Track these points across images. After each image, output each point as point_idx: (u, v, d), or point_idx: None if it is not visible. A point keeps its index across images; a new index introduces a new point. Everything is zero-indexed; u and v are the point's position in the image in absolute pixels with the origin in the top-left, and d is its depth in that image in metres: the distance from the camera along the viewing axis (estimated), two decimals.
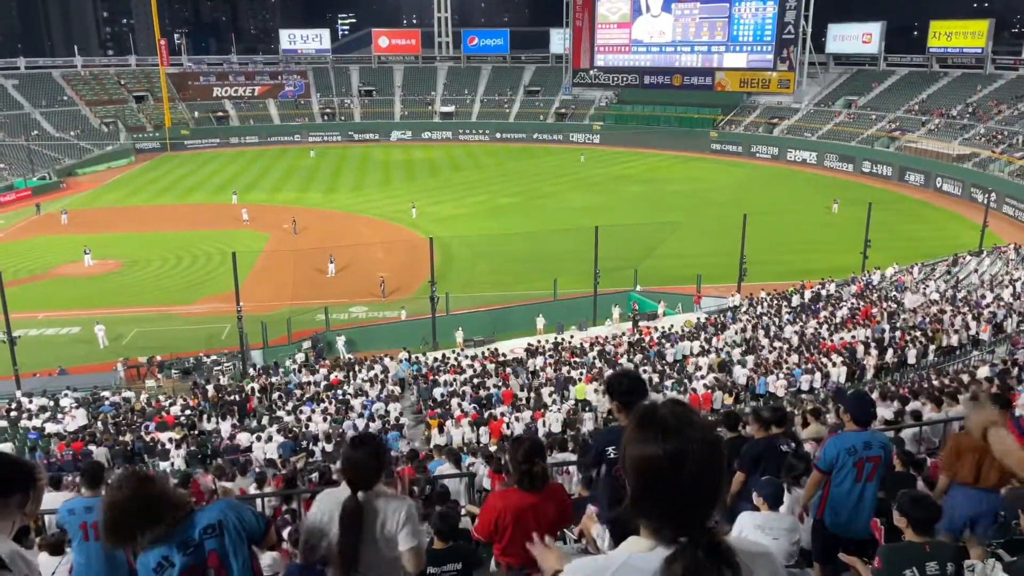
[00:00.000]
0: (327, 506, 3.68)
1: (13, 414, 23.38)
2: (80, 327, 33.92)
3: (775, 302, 31.87)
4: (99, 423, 22.44)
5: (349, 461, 3.69)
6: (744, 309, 31.89)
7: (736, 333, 27.80)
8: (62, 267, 42.36)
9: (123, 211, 56.69)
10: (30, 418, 22.94)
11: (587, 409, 21.05)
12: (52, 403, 24.36)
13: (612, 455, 4.33)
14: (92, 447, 19.16)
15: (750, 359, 24.03)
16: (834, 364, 22.51)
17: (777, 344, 25.53)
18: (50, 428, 21.80)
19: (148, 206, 58.33)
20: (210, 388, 25.68)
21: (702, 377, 22.74)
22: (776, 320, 29.16)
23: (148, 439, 20.38)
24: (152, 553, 3.16)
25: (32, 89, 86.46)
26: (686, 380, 22.52)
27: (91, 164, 74.90)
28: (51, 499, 6.37)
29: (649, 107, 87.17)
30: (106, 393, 25.78)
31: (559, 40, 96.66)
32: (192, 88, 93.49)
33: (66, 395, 25.10)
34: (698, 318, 31.46)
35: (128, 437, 20.65)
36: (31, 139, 75.23)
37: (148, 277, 41.00)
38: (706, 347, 26.23)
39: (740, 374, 22.82)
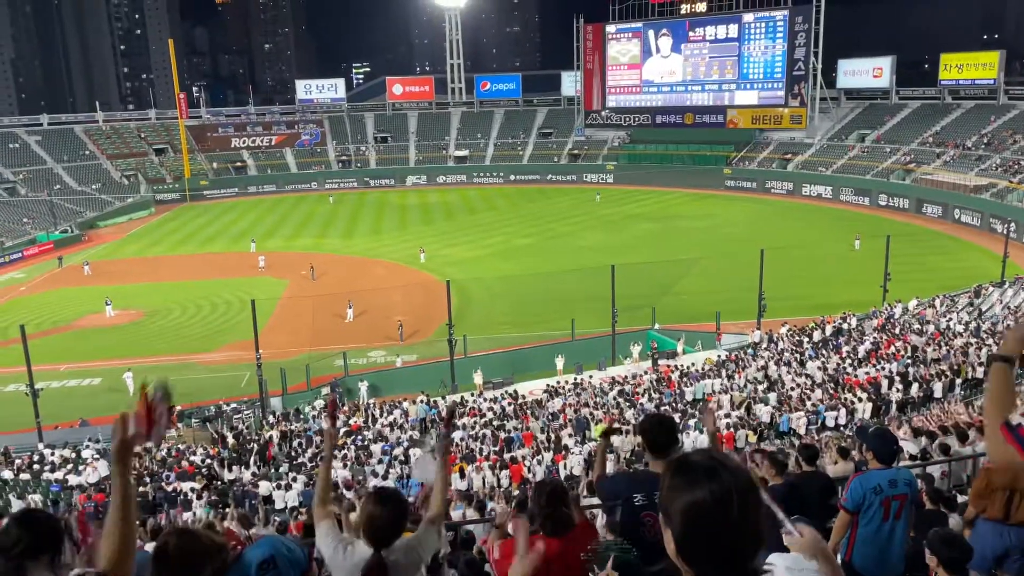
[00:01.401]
0: (338, 564, 3.58)
1: (35, 467, 23.47)
2: (102, 378, 34.18)
3: (796, 337, 31.58)
4: None
5: (372, 518, 3.61)
6: (765, 345, 31.61)
7: (757, 370, 27.52)
8: (84, 318, 42.85)
9: (144, 262, 57.48)
10: (52, 470, 23.02)
11: (608, 451, 20.81)
12: (74, 455, 24.43)
13: (640, 501, 4.27)
14: None
15: (772, 396, 23.74)
16: (859, 400, 22.19)
17: (800, 380, 25.23)
18: (72, 480, 21.84)
19: (168, 256, 59.13)
20: (230, 437, 25.68)
21: (725, 416, 22.46)
22: (798, 356, 28.86)
23: (169, 489, 20.35)
24: None
25: (55, 144, 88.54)
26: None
27: (112, 216, 76.24)
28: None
29: (662, 146, 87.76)
30: None
31: (571, 82, 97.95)
32: (211, 139, 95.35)
33: (87, 446, 25.17)
34: (719, 355, 31.20)
35: (149, 487, 20.63)
36: (53, 193, 76.80)
37: (169, 326, 41.37)
38: (727, 385, 25.97)
39: (763, 412, 22.53)
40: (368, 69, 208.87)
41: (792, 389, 24.43)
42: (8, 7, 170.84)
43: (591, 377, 30.26)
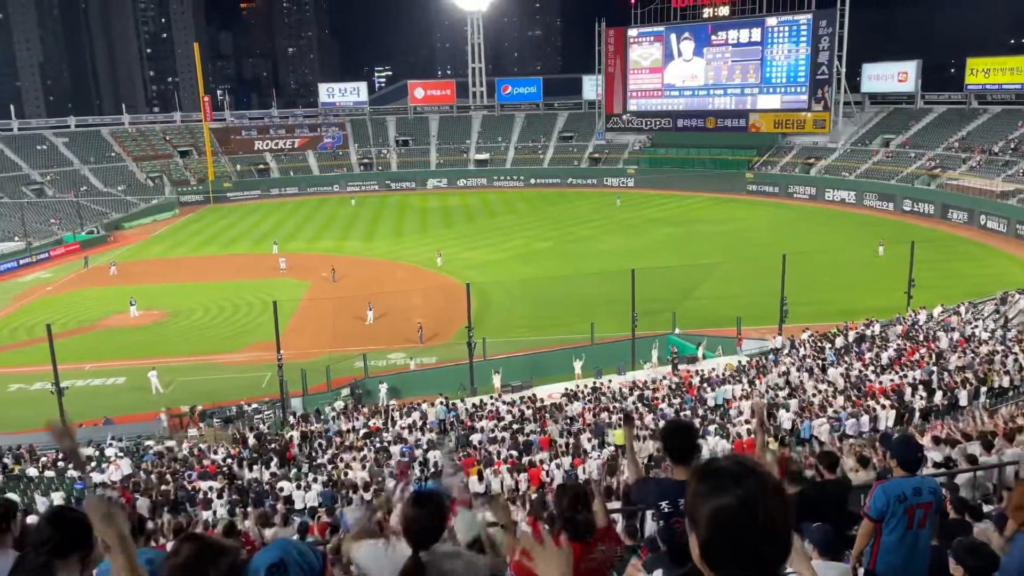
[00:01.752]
0: (381, 564, 3.57)
1: (60, 464, 23.79)
2: (125, 377, 34.60)
3: (818, 344, 31.30)
4: (142, 472, 22.71)
5: (412, 520, 3.59)
6: (786, 351, 31.35)
7: (779, 376, 27.30)
8: (109, 318, 43.39)
9: (168, 262, 58.14)
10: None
11: (625, 455, 20.73)
12: (97, 453, 24.73)
13: (666, 509, 4.26)
14: (137, 496, 19.36)
15: (794, 403, 23.54)
16: (882, 407, 21.94)
17: (821, 387, 25.00)
18: (96, 477, 22.11)
19: (192, 257, 59.76)
20: (251, 436, 25.88)
21: (746, 422, 22.29)
22: (820, 362, 28.61)
23: (190, 488, 20.54)
24: None
25: (81, 146, 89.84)
26: (728, 425, 22.12)
27: (137, 217, 77.19)
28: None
29: (683, 150, 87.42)
30: (150, 442, 26.14)
31: (592, 86, 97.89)
32: (234, 142, 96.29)
33: (111, 445, 25.48)
34: (739, 361, 30.99)
35: (171, 486, 20.84)
36: (80, 194, 77.92)
37: (192, 327, 41.80)
38: (748, 390, 25.79)
39: (784, 418, 22.35)
40: (390, 72, 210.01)
41: (814, 395, 24.22)
42: (36, 10, 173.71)
43: (610, 381, 30.17)
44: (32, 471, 23.11)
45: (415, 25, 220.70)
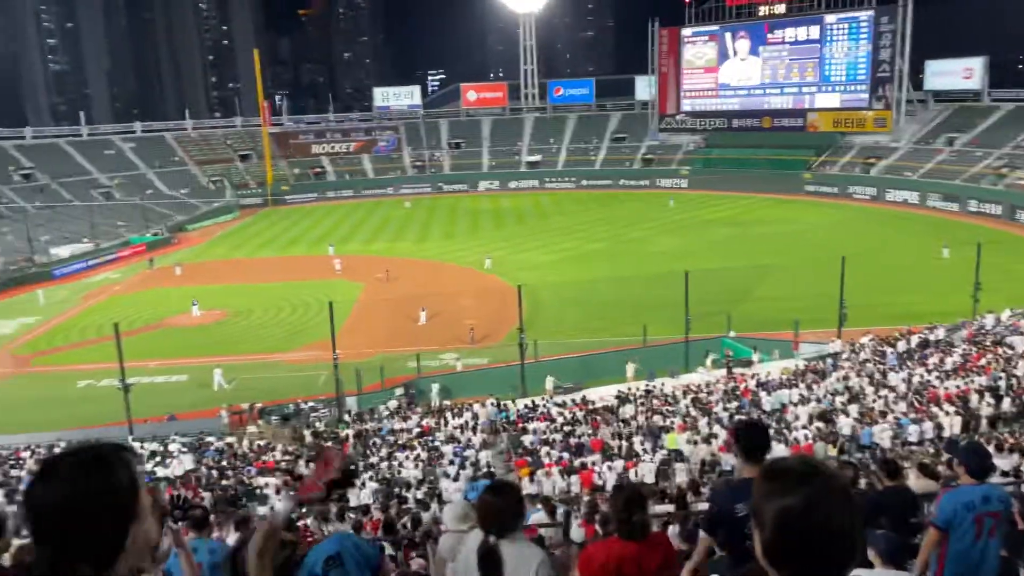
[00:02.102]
0: (460, 549, 3.65)
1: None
2: (188, 375, 35.63)
3: (879, 348, 30.47)
4: (203, 468, 23.37)
5: (488, 506, 3.66)
6: (846, 355, 30.61)
7: (838, 381, 26.67)
8: (172, 318, 44.73)
9: (228, 264, 59.68)
10: (141, 462, 24.06)
11: (680, 459, 20.52)
12: (161, 448, 25.54)
13: (743, 512, 4.22)
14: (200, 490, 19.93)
15: (854, 408, 22.97)
16: (946, 414, 21.27)
17: (883, 392, 24.34)
18: (160, 472, 22.84)
19: (251, 259, 61.21)
20: (307, 434, 26.40)
21: (803, 427, 21.86)
22: (881, 367, 27.86)
23: (249, 483, 21.05)
24: None
25: (147, 151, 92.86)
26: (786, 430, 21.70)
27: (199, 220, 79.42)
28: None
29: (739, 150, 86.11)
30: (211, 438, 26.86)
31: (644, 87, 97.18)
32: (292, 146, 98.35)
33: (174, 440, 26.28)
34: (796, 365, 30.38)
35: (231, 481, 21.39)
36: (145, 198, 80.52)
37: (251, 326, 42.81)
38: (806, 396, 25.27)
39: (844, 424, 21.82)
40: (443, 76, 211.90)
41: (874, 401, 23.60)
42: (104, 20, 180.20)
43: (663, 384, 29.89)
44: None
45: (468, 29, 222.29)
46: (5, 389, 35.40)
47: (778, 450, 19.21)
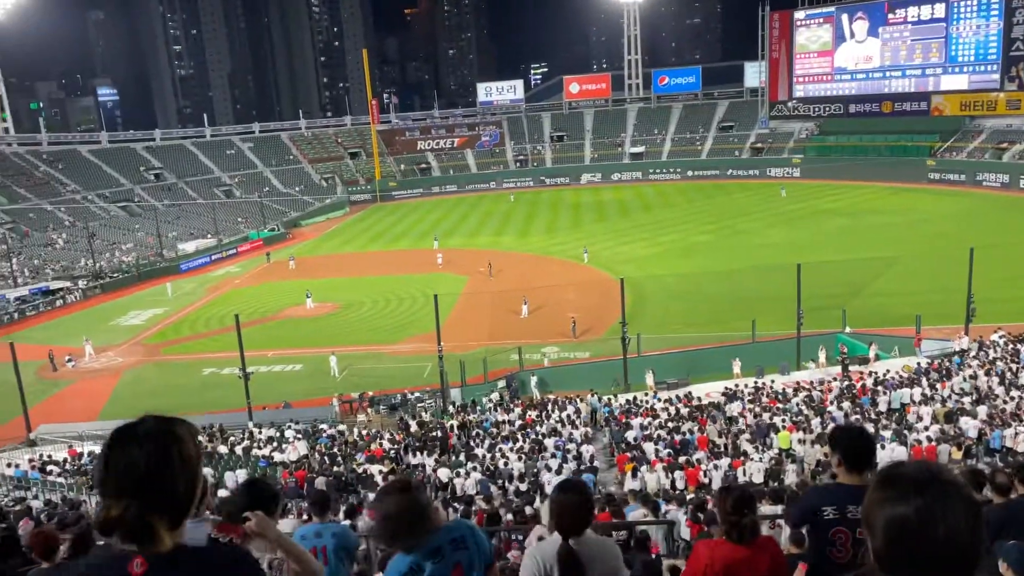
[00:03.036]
0: (542, 558, 3.61)
1: (246, 443, 25.96)
2: (303, 364, 37.19)
3: (1011, 346, 28.41)
4: (317, 454, 24.34)
5: (559, 505, 3.64)
6: (973, 353, 28.71)
7: (964, 380, 25.05)
8: (288, 310, 46.78)
9: (339, 258, 61.87)
10: (260, 447, 25.34)
11: (791, 460, 19.79)
12: (278, 434, 26.76)
13: (830, 515, 4.02)
14: (313, 476, 20.78)
15: (982, 409, 21.53)
16: None
17: (1015, 393, 22.70)
18: (276, 457, 23.95)
19: (360, 253, 63.23)
20: (413, 424, 27.05)
21: (925, 428, 20.66)
22: (1013, 366, 25.97)
23: (359, 470, 21.76)
24: (404, 560, 3.31)
25: (264, 150, 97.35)
26: (906, 431, 20.57)
27: (312, 216, 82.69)
28: (287, 524, 6.97)
29: (856, 137, 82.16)
30: (324, 426, 27.94)
31: (754, 73, 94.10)
32: (399, 143, 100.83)
33: (290, 427, 27.48)
34: (918, 363, 28.73)
35: (342, 467, 22.18)
36: (262, 195, 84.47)
37: (361, 318, 44.24)
38: (929, 395, 23.87)
39: (970, 426, 20.48)
40: (546, 69, 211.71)
41: (1005, 403, 22.05)
42: (225, 26, 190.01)
43: (772, 381, 28.91)
44: (223, 449, 25.35)
45: (571, 21, 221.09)
46: (137, 376, 37.99)
47: (898, 452, 18.28)
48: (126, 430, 2.03)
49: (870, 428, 20.70)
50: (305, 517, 8.76)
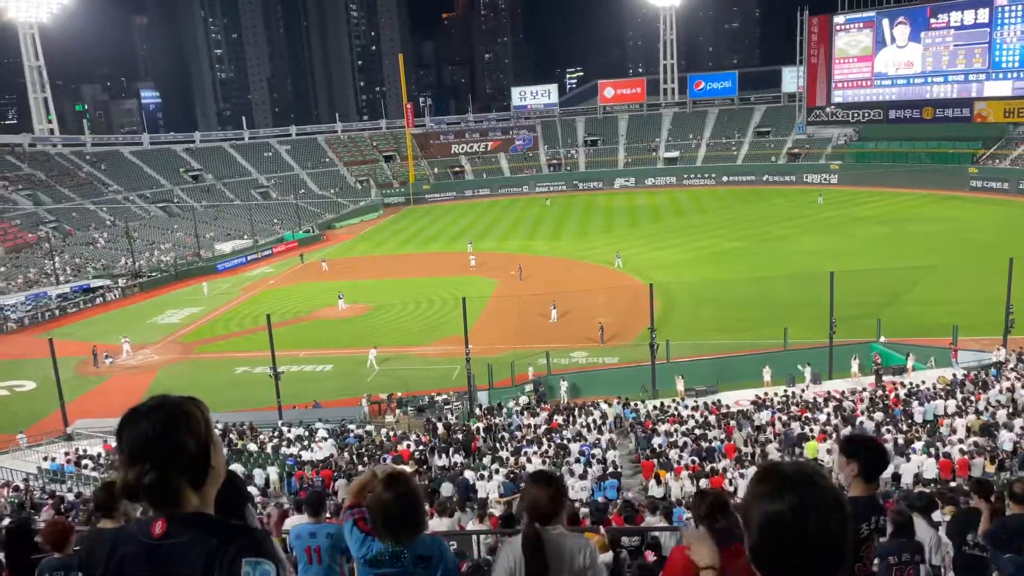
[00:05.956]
0: (511, 552, 3.68)
1: (275, 441, 26.30)
2: (333, 365, 37.57)
3: None
4: (344, 453, 24.54)
5: (530, 495, 3.67)
6: (1012, 365, 28.02)
7: (1001, 392, 24.46)
8: (320, 311, 47.29)
9: (372, 260, 62.41)
10: (288, 446, 25.66)
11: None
12: (307, 433, 27.06)
13: (864, 533, 3.99)
14: (336, 476, 20.98)
15: (1019, 423, 21.00)
16: None
17: None
18: (305, 455, 24.22)
19: (393, 255, 63.71)
20: (440, 426, 27.16)
21: (959, 441, 20.22)
22: None
23: None
24: (374, 544, 3.46)
25: (301, 153, 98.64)
26: (938, 443, 20.15)
27: (346, 218, 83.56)
28: (290, 522, 7.05)
29: (896, 143, 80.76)
30: (352, 426, 28.18)
31: (792, 78, 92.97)
32: (433, 146, 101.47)
33: (319, 427, 27.76)
34: (954, 374, 28.13)
35: (367, 468, 22.32)
36: (298, 197, 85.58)
37: (392, 320, 44.55)
38: (964, 407, 23.36)
39: (1006, 439, 19.99)
40: (581, 73, 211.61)
41: None
42: (265, 30, 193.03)
43: (803, 390, 28.52)
44: (252, 446, 25.71)
45: (607, 25, 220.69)
46: (172, 373, 38.69)
47: (927, 464, 17.95)
48: (135, 408, 2.18)
49: (901, 439, 20.36)
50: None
